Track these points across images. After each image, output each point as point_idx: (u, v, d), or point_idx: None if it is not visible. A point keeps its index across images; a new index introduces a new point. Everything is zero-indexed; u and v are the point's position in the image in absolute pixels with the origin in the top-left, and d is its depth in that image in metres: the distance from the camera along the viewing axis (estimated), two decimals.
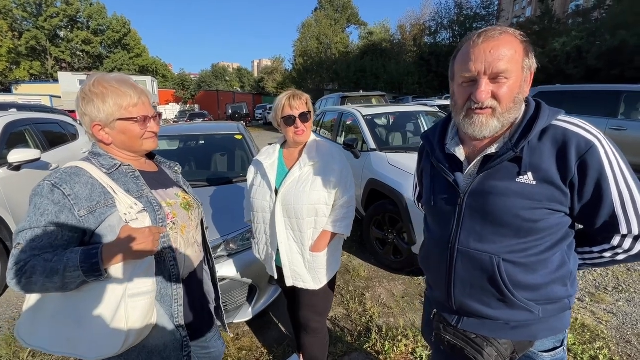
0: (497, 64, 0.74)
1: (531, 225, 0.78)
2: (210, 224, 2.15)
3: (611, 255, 0.84)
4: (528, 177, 0.77)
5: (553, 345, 0.88)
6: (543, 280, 0.81)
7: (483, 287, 0.84)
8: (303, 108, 1.42)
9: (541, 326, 0.85)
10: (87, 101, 0.97)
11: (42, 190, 0.88)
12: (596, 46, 16.60)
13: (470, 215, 0.84)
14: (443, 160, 0.92)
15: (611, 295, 2.64)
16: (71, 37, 32.07)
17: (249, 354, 2.10)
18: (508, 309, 0.83)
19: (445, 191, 0.90)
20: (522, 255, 0.80)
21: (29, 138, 3.71)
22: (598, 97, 5.73)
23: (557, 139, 0.77)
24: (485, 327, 0.87)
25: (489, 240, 0.82)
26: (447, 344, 0.92)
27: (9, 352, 2.08)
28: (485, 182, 0.82)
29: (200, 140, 3.66)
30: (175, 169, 1.29)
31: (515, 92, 0.77)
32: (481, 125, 0.79)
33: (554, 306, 0.84)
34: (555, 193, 0.77)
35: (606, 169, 0.74)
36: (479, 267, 0.83)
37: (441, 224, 0.92)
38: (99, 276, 0.86)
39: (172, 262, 1.05)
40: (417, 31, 32.88)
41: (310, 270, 1.47)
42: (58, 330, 0.90)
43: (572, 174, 0.75)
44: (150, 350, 1.01)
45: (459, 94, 0.83)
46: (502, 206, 0.79)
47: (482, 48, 0.75)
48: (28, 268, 0.83)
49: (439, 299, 0.96)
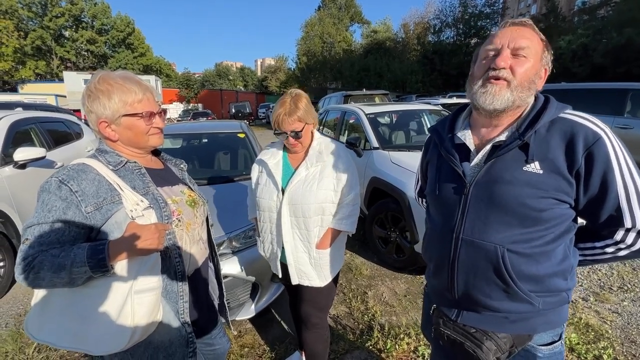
0: (519, 40, 0.80)
1: (537, 215, 0.79)
2: (214, 221, 2.16)
3: (614, 250, 0.84)
4: (535, 166, 0.78)
5: (551, 339, 0.89)
6: (546, 272, 0.81)
7: (487, 277, 0.84)
8: (296, 126, 1.38)
9: (540, 320, 0.86)
10: (92, 98, 0.97)
11: (49, 187, 0.89)
12: (602, 44, 16.41)
13: (476, 205, 0.85)
14: (451, 150, 0.93)
15: (616, 295, 2.61)
16: (76, 36, 32.25)
17: (251, 351, 2.11)
18: (509, 301, 0.84)
19: (452, 181, 0.91)
20: (527, 246, 0.81)
21: (35, 136, 3.75)
22: (604, 95, 5.68)
23: (565, 131, 0.78)
24: (484, 321, 0.88)
25: (494, 229, 0.82)
26: (446, 338, 0.92)
27: (15, 348, 2.11)
28: (492, 171, 0.83)
29: (203, 139, 3.68)
30: (181, 166, 1.29)
31: (531, 74, 0.81)
32: (494, 95, 0.81)
33: (554, 299, 0.84)
34: (561, 183, 0.78)
35: (612, 161, 0.75)
36: (483, 257, 0.84)
37: (445, 214, 0.92)
38: (105, 272, 0.87)
39: (178, 259, 1.05)
40: (420, 30, 32.68)
41: (316, 267, 1.48)
42: (65, 326, 0.91)
43: (578, 164, 0.76)
44: (156, 346, 1.02)
45: (478, 68, 0.86)
46: (508, 194, 0.80)
47: (509, 29, 0.82)
48: (36, 263, 0.84)
49: (440, 290, 0.96)
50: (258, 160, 1.61)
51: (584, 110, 0.83)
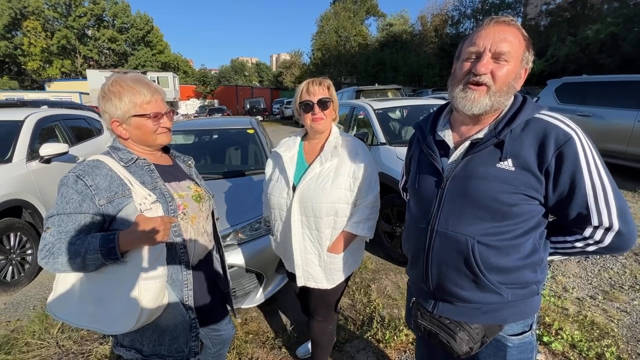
0: (501, 45, 0.81)
1: (507, 209, 0.83)
2: (221, 214, 2.26)
3: (582, 245, 0.87)
4: (508, 163, 0.82)
5: (522, 330, 0.92)
6: (514, 264, 0.85)
7: (458, 268, 0.88)
8: (323, 94, 1.34)
9: (510, 310, 0.89)
10: (106, 99, 1.07)
11: (67, 181, 0.99)
12: (633, 33, 15.50)
13: (451, 198, 0.89)
14: (432, 145, 0.97)
15: (627, 294, 2.56)
16: (98, 35, 33.43)
17: (255, 337, 2.22)
18: (479, 291, 0.88)
19: (430, 175, 0.96)
20: (496, 239, 0.84)
21: (58, 133, 3.97)
22: (627, 88, 5.41)
23: (538, 130, 0.82)
24: (458, 312, 0.92)
25: (467, 222, 0.86)
26: (423, 329, 0.97)
27: (42, 328, 2.29)
28: (468, 166, 0.87)
29: (214, 135, 3.80)
30: (188, 163, 1.37)
31: (511, 78, 0.83)
32: (473, 101, 0.84)
33: (523, 291, 0.87)
34: (531, 180, 0.81)
35: (581, 161, 0.78)
36: (454, 248, 0.88)
37: (423, 206, 0.96)
38: (115, 259, 0.96)
39: (183, 249, 1.14)
40: (438, 21, 31.85)
41: (326, 270, 1.42)
42: (82, 307, 1.02)
43: (548, 163, 0.79)
44: (162, 329, 1.13)
45: (460, 68, 0.88)
46: (481, 189, 0.84)
47: (492, 29, 0.83)
48: (55, 250, 0.94)
49: (417, 281, 1.01)
50: (273, 154, 1.55)
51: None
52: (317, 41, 34.28)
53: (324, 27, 33.78)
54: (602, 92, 5.63)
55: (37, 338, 2.21)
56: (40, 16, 29.83)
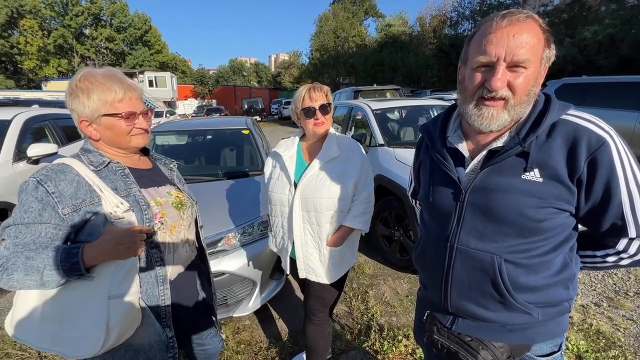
0: (518, 52, 0.68)
1: (535, 225, 0.74)
2: (212, 218, 2.16)
3: (615, 260, 0.79)
4: (534, 174, 0.73)
5: (550, 350, 0.84)
6: (544, 282, 0.77)
7: (482, 288, 0.80)
8: (323, 100, 1.41)
9: (539, 329, 0.81)
10: (73, 97, 0.96)
11: (27, 187, 0.89)
12: (631, 34, 15.51)
13: (472, 213, 0.79)
14: (444, 154, 0.86)
15: (632, 301, 2.48)
16: (95, 34, 33.19)
17: (247, 347, 2.12)
18: (506, 312, 0.79)
19: (446, 187, 0.85)
20: (524, 256, 0.76)
21: (49, 133, 3.87)
22: (628, 89, 5.36)
23: (567, 135, 0.72)
24: (481, 330, 0.83)
25: (491, 239, 0.78)
26: (440, 346, 0.88)
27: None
28: (489, 178, 0.77)
29: (207, 135, 3.70)
30: (170, 166, 1.27)
31: (531, 84, 0.72)
32: (490, 119, 0.74)
33: (554, 309, 0.80)
34: (562, 191, 0.72)
35: (617, 168, 0.69)
36: (479, 268, 0.79)
37: (440, 221, 0.87)
38: (79, 276, 0.86)
39: (159, 262, 1.03)
40: (437, 22, 31.89)
41: (325, 264, 1.47)
42: (44, 328, 0.92)
43: (580, 171, 0.70)
44: (136, 349, 1.02)
45: (470, 79, 0.76)
46: (505, 204, 0.75)
47: (506, 31, 0.69)
48: (9, 265, 0.84)
49: (433, 300, 0.92)
50: (272, 154, 1.60)
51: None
52: (315, 41, 34.26)
53: (322, 28, 33.76)
54: (602, 93, 5.58)
55: (18, 349, 2.11)
56: (37, 15, 29.58)
